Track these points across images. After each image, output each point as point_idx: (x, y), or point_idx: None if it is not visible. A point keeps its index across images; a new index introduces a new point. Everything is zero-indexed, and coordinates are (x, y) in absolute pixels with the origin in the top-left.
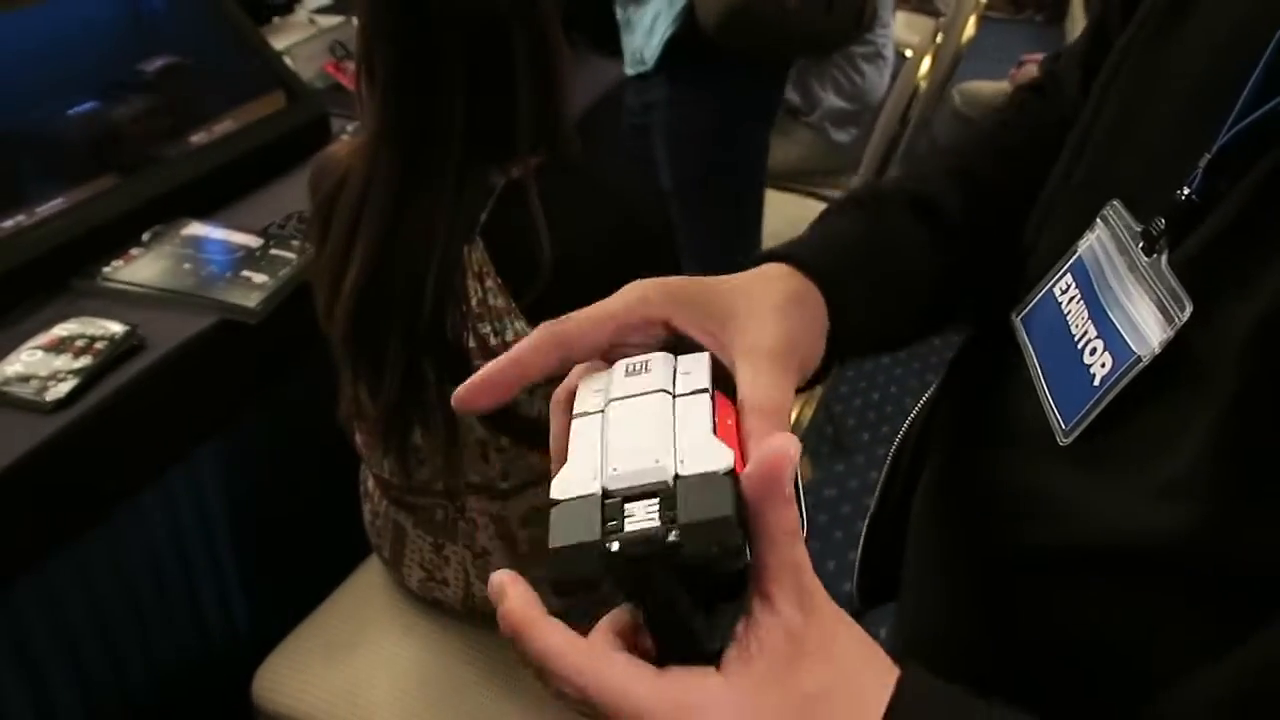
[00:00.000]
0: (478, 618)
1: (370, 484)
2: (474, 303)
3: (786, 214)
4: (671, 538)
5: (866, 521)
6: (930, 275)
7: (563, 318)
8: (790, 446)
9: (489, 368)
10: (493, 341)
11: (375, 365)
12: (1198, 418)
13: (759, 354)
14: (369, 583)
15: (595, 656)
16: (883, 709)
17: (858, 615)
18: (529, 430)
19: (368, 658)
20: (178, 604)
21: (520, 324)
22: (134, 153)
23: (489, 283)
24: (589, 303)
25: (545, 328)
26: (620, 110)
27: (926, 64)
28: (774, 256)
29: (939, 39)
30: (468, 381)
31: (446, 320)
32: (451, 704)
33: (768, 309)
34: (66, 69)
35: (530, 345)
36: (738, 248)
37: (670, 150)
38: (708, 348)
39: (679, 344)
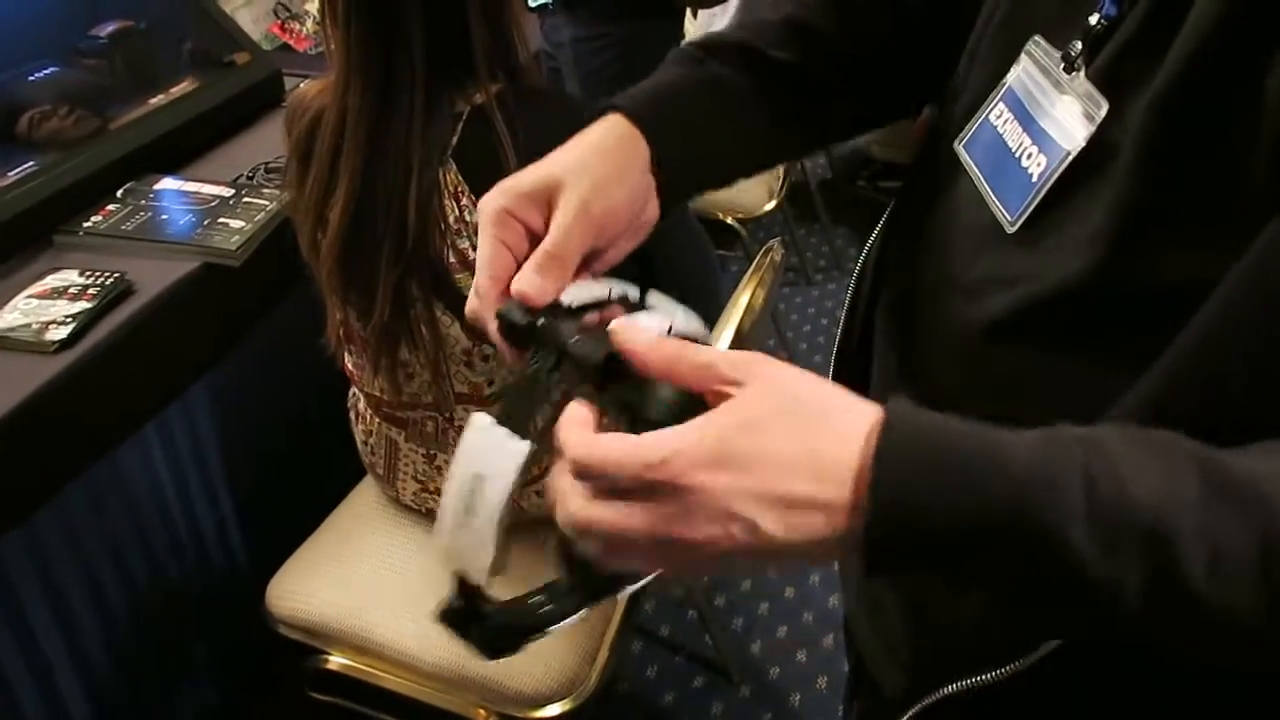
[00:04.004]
0: None
1: (361, 405)
2: (451, 220)
3: None
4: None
5: (836, 346)
6: (752, 114)
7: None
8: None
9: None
10: (471, 255)
11: (366, 289)
12: (1111, 186)
13: (566, 209)
14: (365, 501)
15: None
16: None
17: None
18: None
19: (371, 562)
20: (181, 530)
21: None
22: (96, 115)
23: (464, 200)
24: None
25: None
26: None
27: None
28: (607, 108)
29: None
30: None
31: (429, 240)
32: None
33: (586, 173)
34: (22, 37)
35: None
36: None
37: (580, 87)
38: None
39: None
